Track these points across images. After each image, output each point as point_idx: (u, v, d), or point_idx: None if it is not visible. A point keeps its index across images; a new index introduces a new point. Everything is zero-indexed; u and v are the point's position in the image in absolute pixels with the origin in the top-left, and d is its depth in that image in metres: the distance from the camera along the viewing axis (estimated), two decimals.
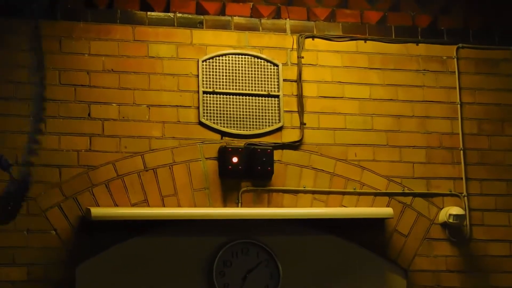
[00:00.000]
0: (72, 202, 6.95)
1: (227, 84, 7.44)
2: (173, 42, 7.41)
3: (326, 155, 7.48)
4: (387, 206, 7.48)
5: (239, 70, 7.47)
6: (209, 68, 7.41)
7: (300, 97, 7.48)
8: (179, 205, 7.18)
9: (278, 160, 7.37)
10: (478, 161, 7.74)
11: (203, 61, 7.39)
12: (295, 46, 7.57)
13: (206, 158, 7.29)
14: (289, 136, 7.45)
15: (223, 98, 7.41)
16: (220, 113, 7.38)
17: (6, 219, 6.74)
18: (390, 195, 7.53)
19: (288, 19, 7.63)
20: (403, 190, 7.56)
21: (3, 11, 6.84)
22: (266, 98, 7.46)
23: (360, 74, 7.68)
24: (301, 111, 7.48)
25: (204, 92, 7.34)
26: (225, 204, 7.27)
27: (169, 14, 7.42)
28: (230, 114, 7.40)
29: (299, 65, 7.53)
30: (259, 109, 7.46)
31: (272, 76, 7.50)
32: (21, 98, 6.45)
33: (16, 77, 6.67)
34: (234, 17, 7.55)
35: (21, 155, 6.73)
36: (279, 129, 7.44)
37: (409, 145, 7.66)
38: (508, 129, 7.83)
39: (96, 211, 6.87)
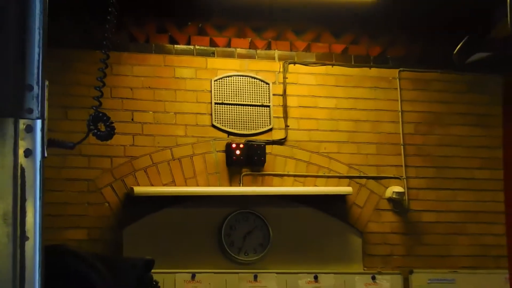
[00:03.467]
0: (120, 182, 7.17)
1: (232, 97, 7.55)
2: (192, 67, 7.51)
3: (304, 149, 7.62)
4: (348, 186, 7.60)
5: (240, 87, 7.59)
6: (219, 86, 7.53)
7: (285, 107, 7.62)
8: (197, 185, 7.34)
9: (269, 153, 7.51)
10: (414, 153, 7.82)
11: (214, 81, 7.52)
12: (281, 70, 7.67)
13: (217, 151, 7.43)
14: (277, 135, 7.57)
15: (229, 107, 7.53)
16: (227, 118, 7.52)
17: None
18: (350, 178, 7.65)
19: (276, 50, 7.72)
20: (360, 174, 7.68)
21: (78, 43, 7.02)
22: (260, 108, 7.60)
23: (329, 90, 7.75)
24: (285, 117, 7.61)
25: (215, 103, 7.48)
26: (230, 184, 7.42)
27: (190, 46, 7.54)
28: (234, 119, 7.53)
29: (284, 83, 7.65)
30: (255, 115, 7.59)
31: (265, 92, 7.63)
32: (81, 107, 6.51)
33: (78, 91, 6.80)
34: (237, 49, 7.65)
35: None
36: (270, 130, 7.57)
37: (364, 141, 7.75)
38: (436, 130, 7.89)
39: (137, 189, 7.08)
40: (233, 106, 7.56)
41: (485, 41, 6.25)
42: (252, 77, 7.65)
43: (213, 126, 7.48)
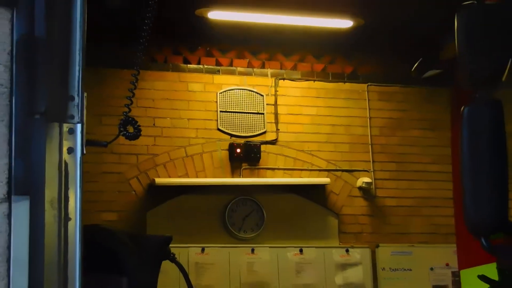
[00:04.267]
0: (144, 175, 7.16)
1: (234, 106, 7.53)
2: (202, 82, 7.49)
3: (291, 148, 7.59)
4: (326, 177, 7.57)
5: (240, 98, 7.57)
6: (223, 97, 7.51)
7: (276, 114, 7.60)
8: (206, 177, 7.33)
9: (263, 151, 7.49)
10: (379, 151, 7.80)
11: (219, 93, 7.50)
12: (273, 84, 7.65)
13: (221, 150, 7.40)
14: (270, 137, 7.55)
15: (231, 114, 7.50)
16: (230, 123, 7.49)
17: None
18: (328, 171, 7.61)
19: (269, 68, 7.70)
20: (336, 168, 7.66)
21: (110, 64, 7.01)
22: (256, 115, 7.57)
23: (311, 101, 7.73)
24: (276, 122, 7.58)
25: (220, 111, 7.46)
26: (232, 176, 7.41)
27: (200, 66, 7.52)
28: (235, 124, 7.51)
29: (275, 95, 7.63)
30: (252, 121, 7.56)
31: (260, 102, 7.61)
32: (113, 115, 6.36)
33: (110, 102, 6.73)
34: (238, 68, 7.63)
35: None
36: (264, 132, 7.54)
37: (339, 142, 7.71)
38: (397, 133, 7.87)
39: (158, 180, 7.10)
40: (234, 114, 7.53)
41: (436, 60, 6.23)
42: (250, 90, 7.62)
43: (219, 129, 7.45)
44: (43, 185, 2.44)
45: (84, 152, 2.54)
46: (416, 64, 6.49)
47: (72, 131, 2.56)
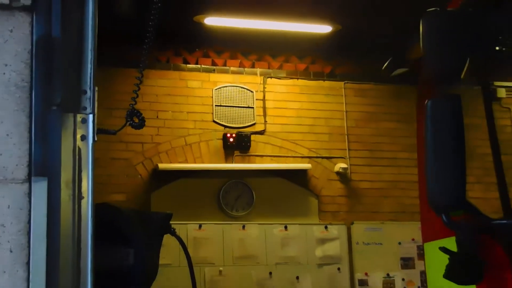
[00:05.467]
0: (149, 161, 7.14)
1: (227, 101, 7.49)
2: (199, 80, 7.46)
3: (277, 137, 7.57)
4: (308, 163, 7.56)
5: (233, 94, 7.54)
6: (218, 93, 7.48)
7: (264, 108, 7.57)
8: (203, 162, 7.30)
9: (253, 140, 7.47)
10: (355, 140, 7.77)
11: (215, 89, 7.47)
12: (261, 82, 7.61)
13: (216, 139, 7.37)
14: (259, 128, 7.52)
15: (225, 108, 7.47)
16: (224, 116, 7.46)
17: None
18: (309, 158, 7.59)
19: (258, 68, 7.66)
20: (317, 155, 7.64)
21: (118, 63, 6.93)
22: (247, 108, 7.54)
23: (295, 96, 7.71)
24: (264, 115, 7.55)
25: (215, 105, 7.43)
26: (226, 162, 7.37)
27: (198, 65, 7.49)
28: (229, 116, 7.47)
29: (264, 91, 7.60)
30: (243, 114, 7.53)
31: (250, 97, 7.58)
32: (121, 108, 6.36)
33: (118, 97, 6.61)
34: (231, 67, 7.60)
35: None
36: (253, 124, 7.52)
37: (320, 132, 7.69)
38: (370, 125, 7.84)
39: (161, 165, 7.07)
40: (228, 107, 7.50)
41: (403, 60, 6.22)
42: (241, 87, 7.59)
43: (214, 121, 7.42)
44: (59, 168, 2.44)
45: (96, 139, 2.53)
46: (386, 63, 6.49)
47: (84, 121, 2.55)
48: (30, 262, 2.32)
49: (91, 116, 2.54)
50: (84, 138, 2.50)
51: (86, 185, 2.48)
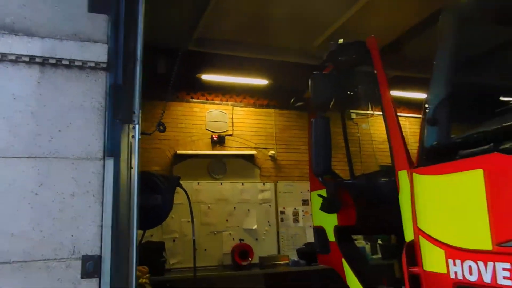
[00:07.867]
0: (172, 149, 6.78)
1: (214, 118, 7.26)
2: (198, 107, 7.14)
3: (239, 137, 7.34)
4: (255, 151, 7.36)
5: (217, 115, 7.33)
6: (209, 114, 7.23)
7: (232, 122, 7.33)
8: (200, 150, 7.02)
9: (227, 139, 7.22)
10: (279, 139, 7.52)
11: (207, 112, 7.23)
12: (232, 109, 7.41)
13: (207, 138, 7.14)
14: (230, 132, 7.30)
15: (214, 123, 7.23)
16: (212, 127, 7.24)
17: None
18: (255, 148, 7.03)
19: (229, 101, 7.42)
20: (259, 147, 7.41)
21: (153, 98, 6.38)
22: (223, 123, 7.31)
23: (249, 116, 7.42)
24: (232, 126, 7.33)
25: (208, 121, 7.19)
26: (212, 150, 7.10)
27: (199, 100, 7.24)
28: (216, 127, 7.26)
29: (232, 114, 7.36)
30: (222, 125, 7.29)
31: (225, 117, 7.35)
32: (154, 122, 6.29)
33: (155, 117, 6.46)
34: (216, 101, 7.35)
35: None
36: (227, 130, 7.28)
37: (261, 135, 7.45)
38: (288, 132, 7.56)
39: (179, 151, 6.75)
40: (214, 122, 7.28)
41: (302, 98, 6.27)
42: (221, 111, 7.38)
43: (207, 129, 7.19)
44: (119, 153, 2.39)
45: (140, 137, 2.50)
46: (292, 100, 6.57)
47: (134, 128, 2.51)
48: (104, 202, 2.28)
49: (137, 125, 2.50)
50: (133, 137, 2.45)
51: (135, 161, 2.42)
